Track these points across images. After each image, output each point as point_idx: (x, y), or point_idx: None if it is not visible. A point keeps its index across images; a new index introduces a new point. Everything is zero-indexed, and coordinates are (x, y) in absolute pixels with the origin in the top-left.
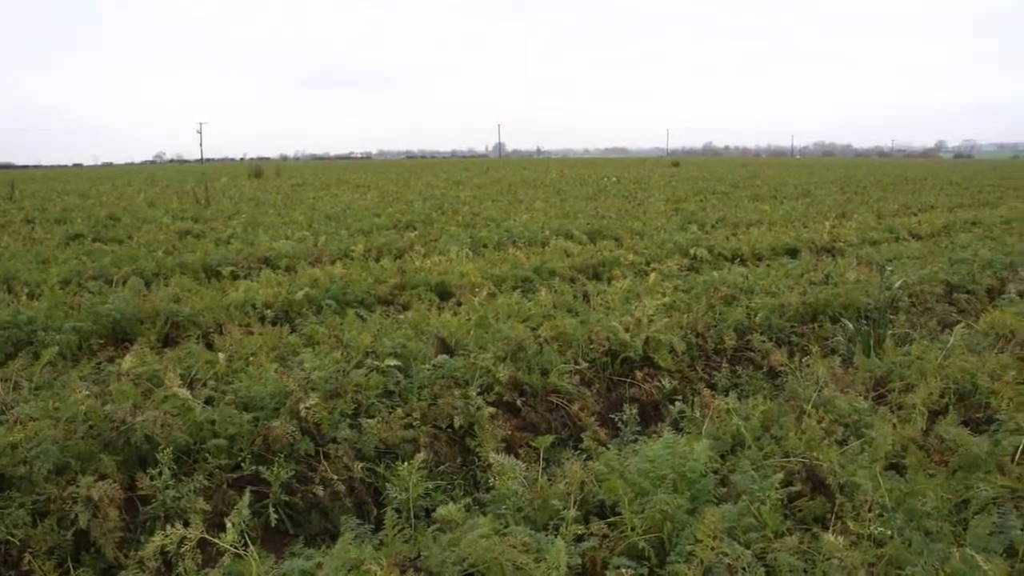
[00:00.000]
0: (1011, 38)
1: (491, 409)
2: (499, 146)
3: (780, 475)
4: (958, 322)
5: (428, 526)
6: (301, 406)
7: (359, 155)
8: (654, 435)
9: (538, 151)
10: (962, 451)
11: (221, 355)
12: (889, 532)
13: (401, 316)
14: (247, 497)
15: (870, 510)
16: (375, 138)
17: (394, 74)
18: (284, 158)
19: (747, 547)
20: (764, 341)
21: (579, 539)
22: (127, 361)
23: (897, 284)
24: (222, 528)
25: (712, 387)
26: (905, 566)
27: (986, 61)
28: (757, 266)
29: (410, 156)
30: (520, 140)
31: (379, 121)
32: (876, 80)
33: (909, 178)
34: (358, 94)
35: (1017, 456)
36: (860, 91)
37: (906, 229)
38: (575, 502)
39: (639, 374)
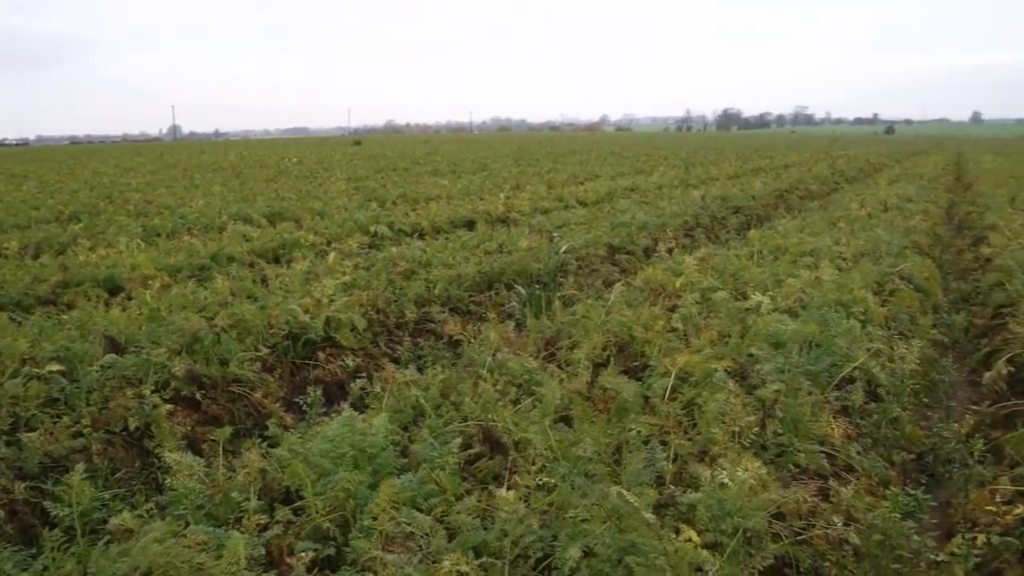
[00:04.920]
0: (664, 28)
1: (169, 406)
2: (174, 129)
3: (459, 440)
4: (618, 280)
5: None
6: None
7: (13, 141)
8: (338, 415)
9: (216, 133)
10: (620, 398)
11: None
12: (554, 481)
13: (65, 316)
14: None
15: (534, 463)
16: (33, 122)
17: (53, 50)
18: None
19: (428, 513)
20: (443, 312)
21: (264, 529)
22: None
23: (564, 249)
24: None
25: (396, 361)
26: (570, 509)
27: (642, 41)
28: (436, 239)
29: (75, 141)
30: (197, 122)
31: (37, 103)
32: (546, 57)
33: (576, 150)
34: (10, 73)
35: (666, 396)
36: (532, 68)
37: (574, 197)
38: (256, 492)
39: (322, 355)
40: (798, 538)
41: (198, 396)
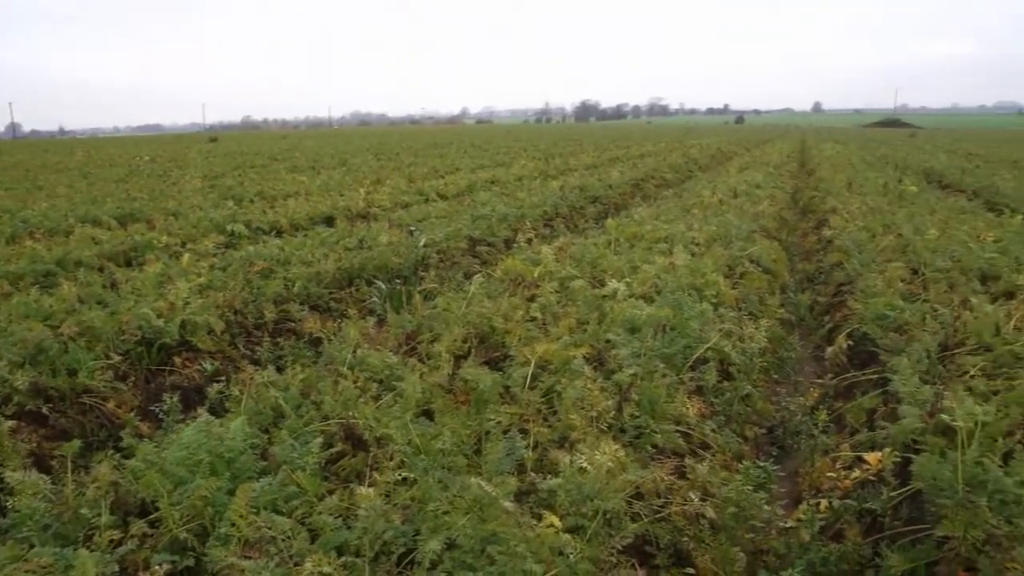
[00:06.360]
0: (522, 21)
1: (11, 422)
2: (13, 127)
3: (320, 439)
4: (479, 272)
5: None
6: None
7: None
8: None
9: (61, 131)
10: (480, 389)
11: None
12: (415, 475)
13: None
14: None
15: (391, 458)
16: None
17: None
18: None
19: (289, 515)
20: (302, 310)
21: (117, 544)
22: None
23: (423, 243)
24: None
25: (255, 362)
26: (431, 502)
27: (502, 35)
28: (295, 237)
29: None
30: (39, 120)
31: None
32: (407, 51)
33: (437, 143)
34: None
35: (526, 385)
36: (393, 62)
37: (435, 191)
38: (108, 506)
39: (179, 360)
40: (657, 516)
41: (45, 410)
